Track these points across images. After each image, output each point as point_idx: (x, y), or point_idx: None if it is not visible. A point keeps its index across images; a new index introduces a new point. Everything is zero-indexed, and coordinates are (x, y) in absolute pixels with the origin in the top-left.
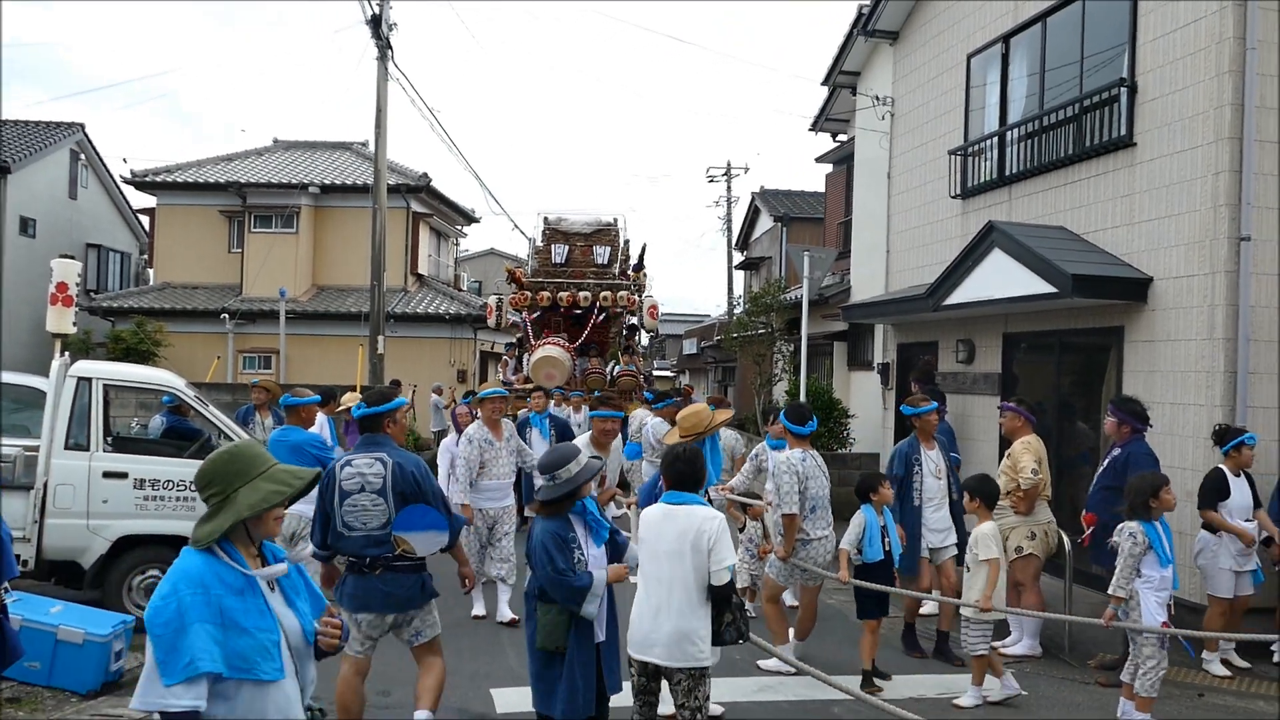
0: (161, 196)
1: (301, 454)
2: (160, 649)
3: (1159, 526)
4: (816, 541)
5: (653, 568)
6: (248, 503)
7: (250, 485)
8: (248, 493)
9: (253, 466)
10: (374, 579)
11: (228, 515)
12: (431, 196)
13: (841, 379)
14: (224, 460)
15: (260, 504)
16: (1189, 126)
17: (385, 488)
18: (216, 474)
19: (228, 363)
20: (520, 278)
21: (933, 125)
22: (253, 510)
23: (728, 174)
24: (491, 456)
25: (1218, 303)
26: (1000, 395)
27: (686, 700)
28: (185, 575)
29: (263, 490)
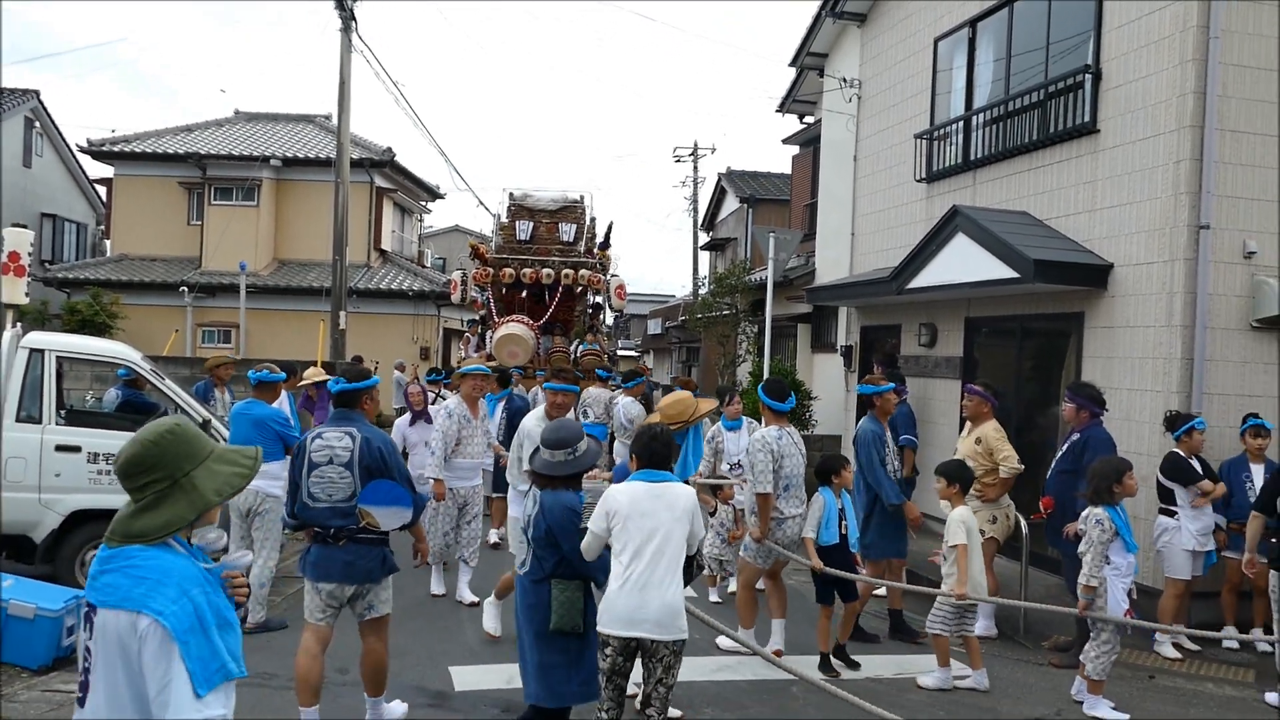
0: (119, 167)
1: (263, 428)
2: (190, 656)
3: (1121, 512)
4: (789, 520)
5: (638, 543)
6: (211, 488)
7: (204, 468)
8: (205, 476)
9: (200, 447)
10: (337, 549)
11: (189, 502)
12: (395, 171)
13: (805, 361)
14: (169, 441)
15: (226, 488)
16: (1151, 114)
17: (352, 461)
18: (163, 457)
19: (186, 336)
20: (484, 254)
21: (899, 108)
22: (220, 496)
23: (694, 154)
24: (468, 434)
25: (1176, 290)
26: (962, 379)
27: (665, 677)
28: (183, 574)
29: (222, 473)
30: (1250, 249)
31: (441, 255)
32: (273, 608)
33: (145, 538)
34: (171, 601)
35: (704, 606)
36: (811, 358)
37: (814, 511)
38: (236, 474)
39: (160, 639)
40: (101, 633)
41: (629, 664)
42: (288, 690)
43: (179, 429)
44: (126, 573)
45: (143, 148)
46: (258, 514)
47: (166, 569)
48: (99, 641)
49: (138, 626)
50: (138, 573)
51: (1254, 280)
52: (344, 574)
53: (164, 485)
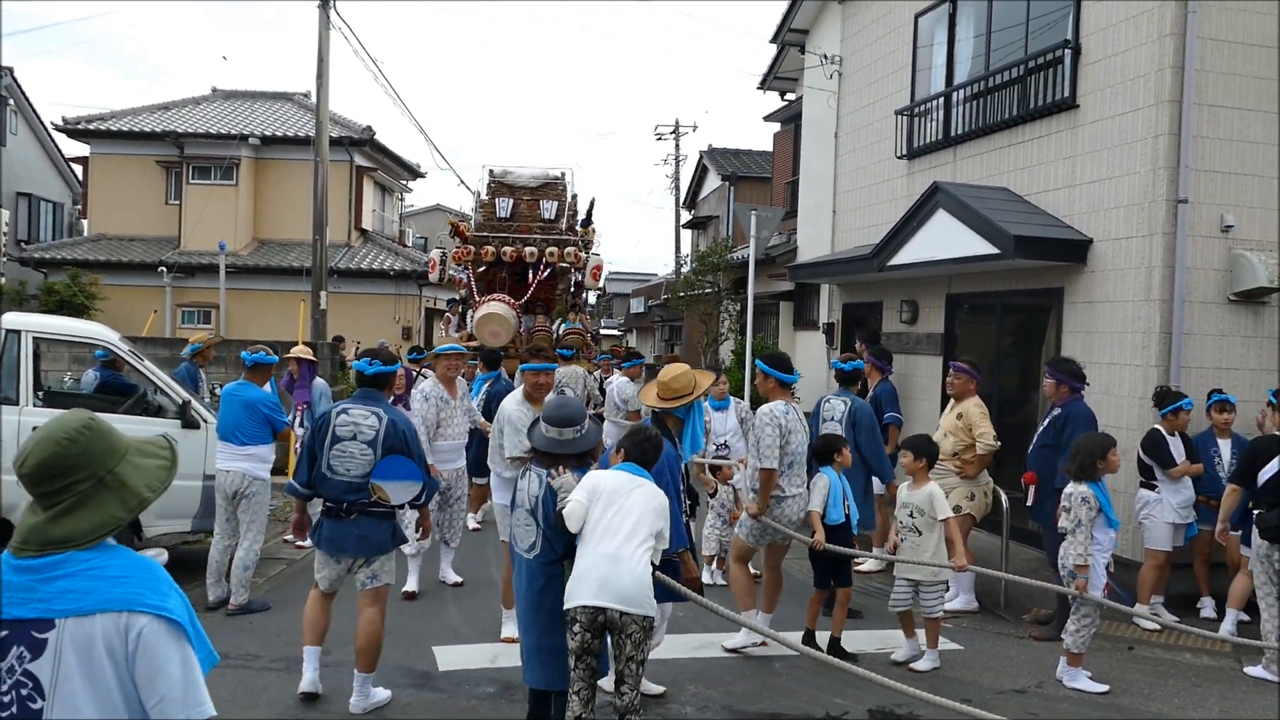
0: (95, 145)
1: (253, 411)
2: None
3: (1104, 488)
4: (790, 499)
5: (614, 519)
6: (143, 483)
7: (128, 463)
8: (132, 472)
9: (118, 441)
10: (349, 523)
11: (119, 501)
12: (376, 150)
13: (787, 339)
14: (89, 438)
15: (156, 482)
16: (1130, 89)
17: (376, 440)
18: (84, 455)
19: (165, 317)
20: (464, 231)
21: (880, 85)
22: (153, 491)
23: (676, 132)
24: (447, 415)
25: (1155, 264)
26: (943, 355)
27: (635, 653)
28: (159, 568)
29: (148, 467)
30: (1228, 223)
31: (423, 235)
32: (255, 589)
33: (73, 543)
34: (168, 596)
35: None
36: (794, 335)
37: (819, 489)
38: (160, 467)
39: (166, 633)
40: (73, 644)
41: (598, 642)
42: (270, 671)
43: (95, 423)
44: (91, 575)
45: (119, 126)
46: (244, 496)
47: (144, 565)
48: (68, 655)
49: (133, 625)
50: (110, 573)
51: (1231, 254)
52: (357, 547)
53: (87, 485)
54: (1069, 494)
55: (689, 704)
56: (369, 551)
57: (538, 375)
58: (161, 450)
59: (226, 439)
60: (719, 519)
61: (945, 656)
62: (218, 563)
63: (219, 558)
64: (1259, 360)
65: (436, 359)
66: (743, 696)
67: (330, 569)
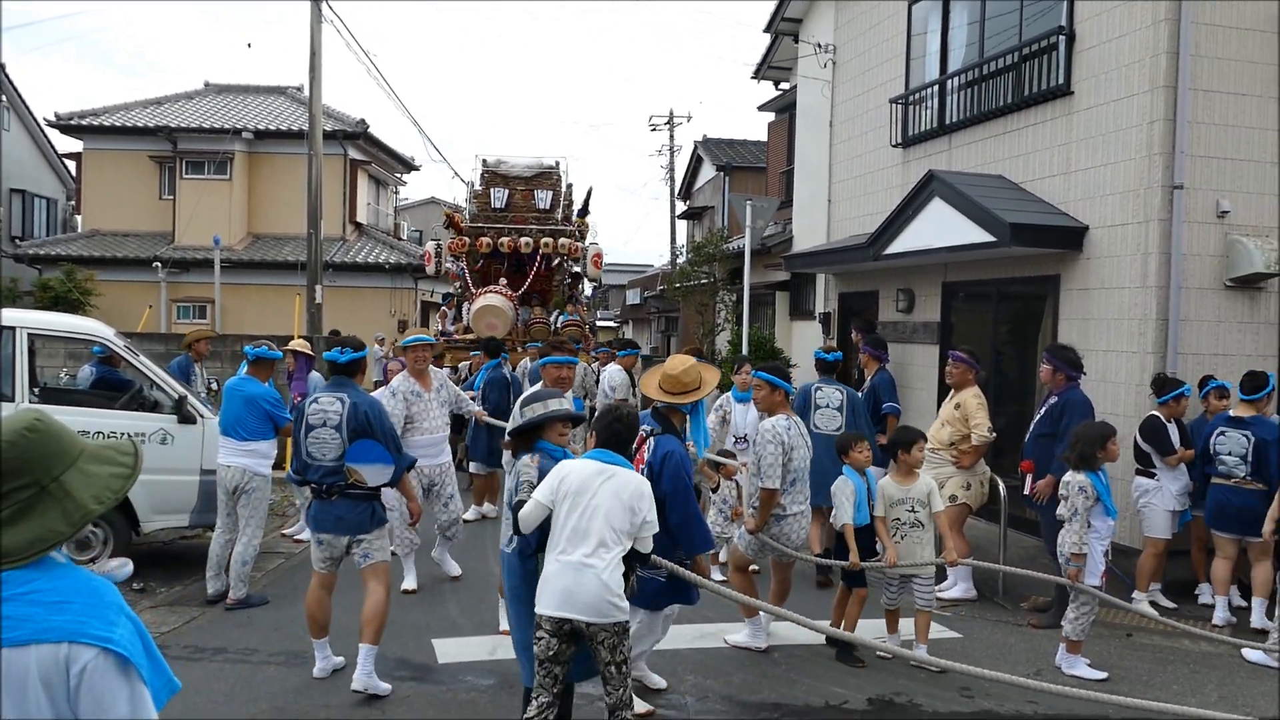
0: (88, 141)
1: (254, 407)
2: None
3: (1103, 477)
4: (791, 518)
5: (580, 521)
6: (89, 494)
7: (77, 471)
8: (79, 481)
9: (68, 445)
10: (330, 504)
11: (62, 513)
12: (369, 143)
13: (783, 328)
14: (31, 441)
15: (106, 493)
16: (1125, 74)
17: (341, 424)
18: (25, 459)
19: (160, 312)
20: (459, 223)
21: (874, 73)
22: (100, 503)
23: (670, 122)
24: (420, 409)
25: (1151, 251)
26: (940, 344)
27: (612, 656)
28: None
29: (99, 475)
30: (1224, 208)
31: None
32: (254, 584)
33: (9, 558)
34: (115, 624)
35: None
36: (790, 325)
37: (845, 497)
38: (116, 475)
39: (113, 668)
40: (8, 676)
41: (568, 649)
42: (269, 665)
43: (42, 425)
44: (27, 600)
45: (112, 121)
46: (244, 491)
47: (90, 588)
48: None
49: (75, 659)
50: (50, 597)
51: (1228, 240)
52: (335, 526)
53: (28, 494)
54: (1066, 482)
55: (689, 694)
56: (347, 531)
57: (560, 369)
58: (122, 456)
59: (228, 434)
60: (721, 515)
61: (944, 645)
62: (217, 556)
63: (219, 551)
64: (1255, 346)
65: (404, 351)
66: (743, 686)
67: (319, 550)
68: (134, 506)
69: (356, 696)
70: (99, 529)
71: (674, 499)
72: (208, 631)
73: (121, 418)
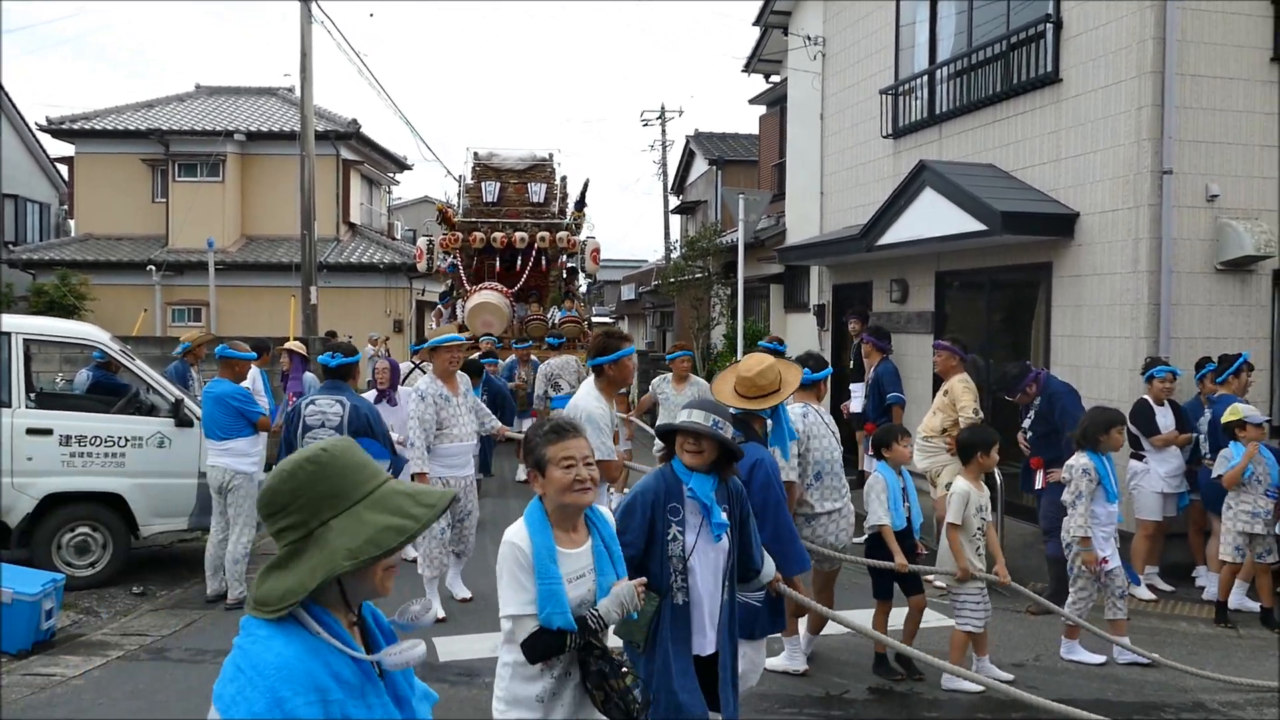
0: (80, 145)
1: (223, 405)
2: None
3: (1105, 461)
4: (825, 517)
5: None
6: (346, 545)
7: (350, 516)
8: (346, 530)
9: (351, 484)
10: None
11: (317, 565)
12: (362, 143)
13: (779, 321)
14: (307, 474)
15: (370, 548)
16: (1113, 61)
17: (342, 424)
18: (295, 495)
19: (155, 315)
20: (451, 218)
21: (864, 65)
22: (355, 558)
23: (662, 117)
24: (450, 415)
25: (1141, 236)
26: (934, 334)
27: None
28: (285, 672)
29: (373, 524)
30: (1213, 192)
31: (411, 227)
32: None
33: (265, 607)
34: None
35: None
36: (785, 318)
37: (878, 494)
38: (389, 529)
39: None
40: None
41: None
42: None
43: (325, 456)
44: (233, 656)
45: (103, 125)
46: (229, 490)
47: (259, 660)
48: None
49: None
50: (235, 659)
51: (1217, 223)
52: None
53: (297, 536)
54: (1070, 464)
55: None
56: None
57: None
58: (416, 508)
59: (208, 436)
60: None
61: (943, 634)
62: (214, 557)
63: (215, 552)
64: (1247, 328)
65: (433, 352)
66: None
67: None
68: (133, 510)
69: None
70: (98, 533)
71: (765, 513)
72: (209, 633)
73: (118, 422)
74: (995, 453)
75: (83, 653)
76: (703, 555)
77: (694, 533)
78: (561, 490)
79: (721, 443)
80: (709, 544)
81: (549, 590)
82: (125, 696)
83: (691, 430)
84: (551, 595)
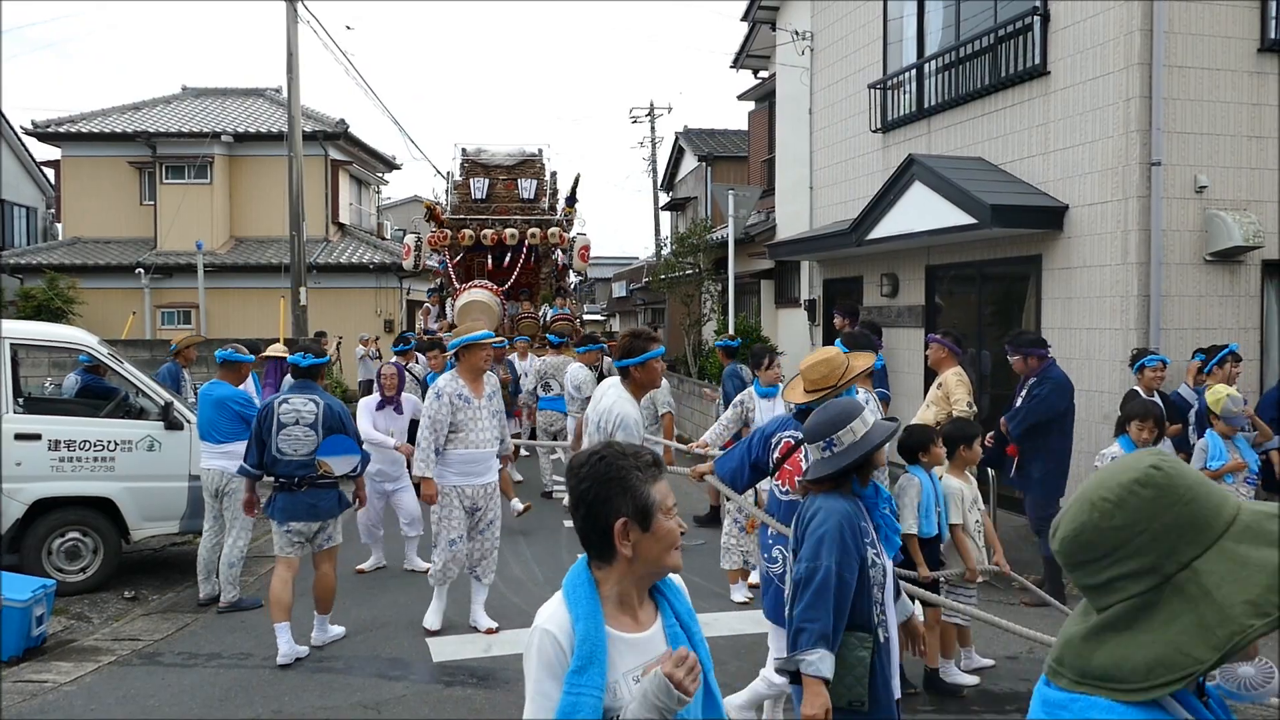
0: (66, 148)
1: (223, 409)
2: None
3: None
4: None
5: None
6: (1243, 598)
7: (1220, 553)
8: (1225, 572)
9: (1209, 510)
10: (301, 494)
11: (1201, 627)
12: (350, 143)
13: (769, 317)
14: (1142, 503)
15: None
16: (1100, 53)
17: (317, 422)
18: (1132, 531)
19: (145, 318)
20: (440, 215)
21: (852, 59)
22: (1264, 618)
23: (651, 114)
24: (468, 418)
25: (1131, 228)
26: (925, 328)
27: None
28: None
29: (1259, 567)
30: (1201, 183)
31: (401, 227)
32: (245, 588)
33: (1119, 686)
34: None
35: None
36: (776, 313)
37: (909, 498)
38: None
39: None
40: None
41: None
42: (264, 668)
43: (1162, 476)
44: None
45: (89, 128)
46: (225, 493)
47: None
48: None
49: None
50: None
51: (1206, 214)
52: (309, 514)
53: (1141, 584)
54: (1102, 454)
55: None
56: (320, 517)
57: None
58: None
59: (205, 438)
60: (736, 525)
61: None
62: (207, 560)
63: (208, 555)
64: (1236, 319)
65: (466, 350)
66: (738, 675)
67: (286, 538)
68: (123, 514)
69: (352, 698)
70: (89, 538)
71: None
72: (201, 637)
73: (108, 425)
74: (979, 445)
75: (74, 658)
76: (888, 573)
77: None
78: (668, 549)
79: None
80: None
81: (573, 702)
82: (117, 702)
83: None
84: (574, 708)
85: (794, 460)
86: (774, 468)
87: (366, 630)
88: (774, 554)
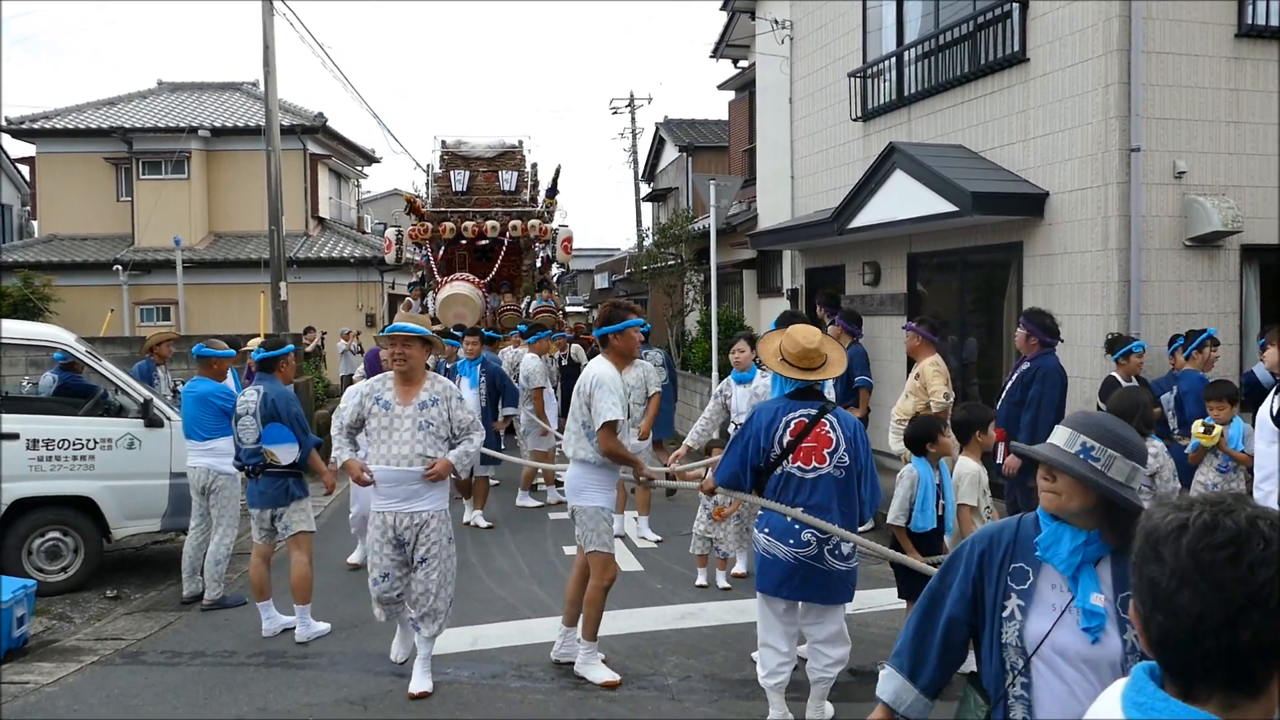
0: (41, 144)
1: (206, 405)
2: None
3: None
4: None
5: None
6: None
7: None
8: None
9: None
10: (255, 482)
11: None
12: (329, 137)
13: (752, 306)
14: None
15: None
16: (1079, 40)
17: (256, 412)
18: None
19: (123, 315)
20: (420, 208)
21: (832, 48)
22: None
23: (631, 105)
24: (382, 425)
25: (1110, 214)
26: (907, 315)
27: None
28: None
29: None
30: (1180, 169)
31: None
32: (230, 585)
33: None
34: None
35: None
36: (759, 303)
37: (902, 490)
38: None
39: None
40: None
41: None
42: (249, 666)
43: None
44: None
45: (64, 124)
46: (211, 491)
47: None
48: None
49: None
50: None
51: (1185, 200)
52: (259, 500)
53: None
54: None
55: (670, 675)
56: (268, 504)
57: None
58: None
59: (189, 436)
60: (705, 512)
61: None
62: (191, 558)
63: (193, 553)
64: (1216, 304)
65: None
66: (725, 664)
67: (254, 523)
68: (104, 513)
69: (338, 694)
70: (69, 537)
71: (867, 472)
72: (185, 635)
73: (87, 424)
74: (993, 430)
75: (56, 659)
76: (1062, 652)
77: (1047, 615)
78: None
79: (1099, 488)
80: (1075, 637)
81: None
82: (101, 702)
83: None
84: None
85: (815, 435)
86: (787, 450)
87: (352, 626)
88: (804, 538)
